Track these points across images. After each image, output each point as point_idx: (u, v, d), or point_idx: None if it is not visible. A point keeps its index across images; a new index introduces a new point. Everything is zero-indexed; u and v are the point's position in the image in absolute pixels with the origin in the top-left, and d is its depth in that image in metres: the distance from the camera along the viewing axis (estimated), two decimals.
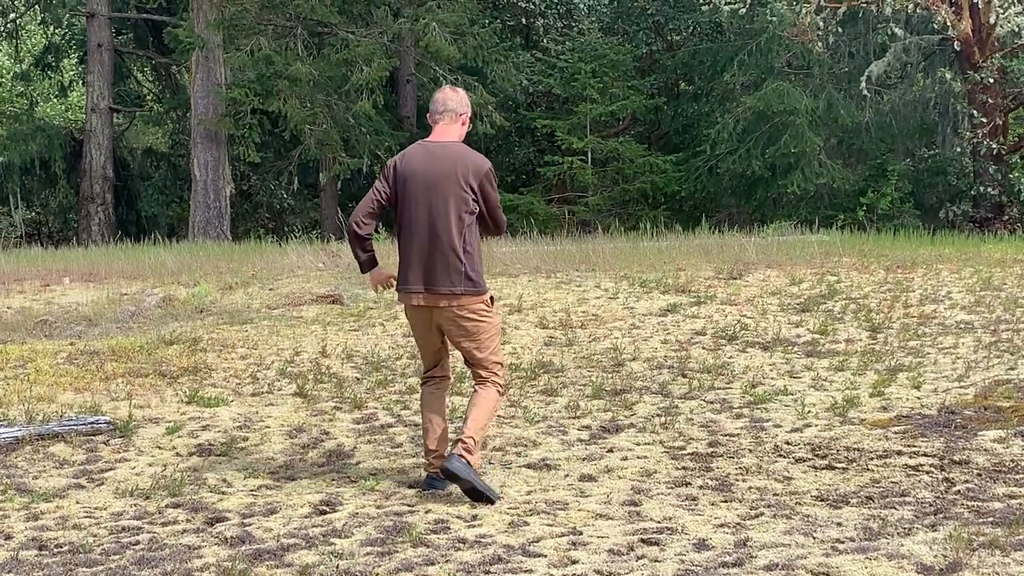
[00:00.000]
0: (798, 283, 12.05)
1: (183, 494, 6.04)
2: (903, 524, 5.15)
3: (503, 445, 6.96)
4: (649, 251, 14.65)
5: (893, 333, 9.92)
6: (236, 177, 27.56)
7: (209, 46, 24.26)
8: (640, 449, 6.80)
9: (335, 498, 5.88)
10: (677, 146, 28.64)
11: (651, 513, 5.45)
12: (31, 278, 14.48)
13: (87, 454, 6.94)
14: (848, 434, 6.98)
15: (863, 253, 14.10)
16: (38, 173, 30.41)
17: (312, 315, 11.26)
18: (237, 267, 14.89)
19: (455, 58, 24.20)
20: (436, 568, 4.70)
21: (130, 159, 31.50)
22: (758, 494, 5.77)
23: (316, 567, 4.76)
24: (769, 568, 4.57)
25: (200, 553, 5.02)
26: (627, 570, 4.63)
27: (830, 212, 23.83)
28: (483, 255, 5.98)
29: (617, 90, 26.63)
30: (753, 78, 26.64)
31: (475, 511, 5.55)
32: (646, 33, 29.66)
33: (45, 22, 33.43)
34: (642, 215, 24.69)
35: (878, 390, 8.02)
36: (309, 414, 7.81)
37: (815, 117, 24.80)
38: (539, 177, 28.23)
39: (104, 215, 28.19)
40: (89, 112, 28.74)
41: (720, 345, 9.67)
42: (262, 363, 9.31)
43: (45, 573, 4.83)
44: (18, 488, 6.23)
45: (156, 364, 9.13)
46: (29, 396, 8.12)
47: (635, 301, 11.42)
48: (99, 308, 12.01)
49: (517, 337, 10.11)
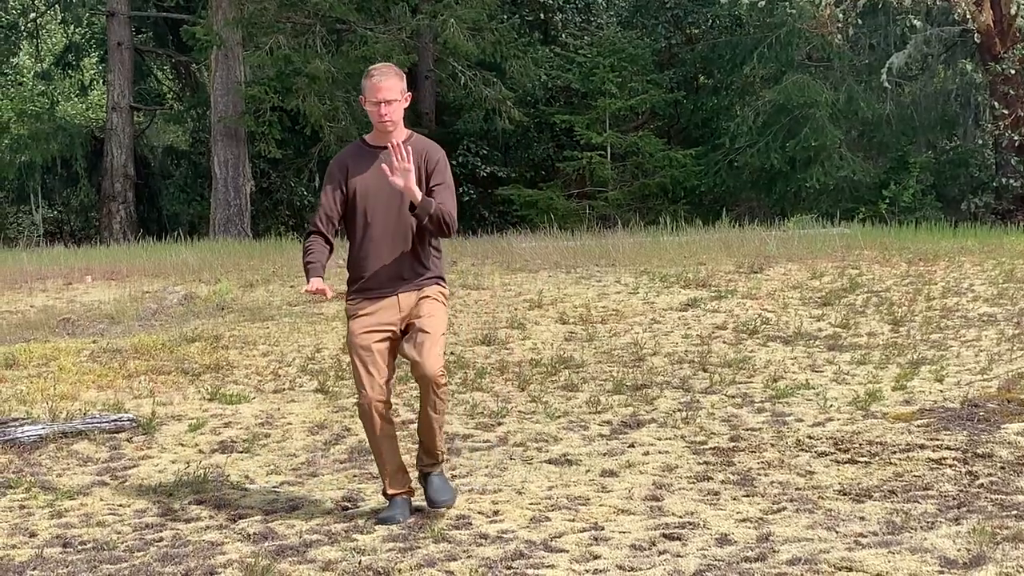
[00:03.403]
0: (819, 277, 12.01)
1: (206, 491, 6.07)
2: (926, 518, 5.13)
3: (524, 441, 6.96)
4: (669, 246, 14.63)
5: (915, 326, 9.87)
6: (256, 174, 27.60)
7: (228, 44, 24.32)
8: (661, 444, 6.79)
9: (357, 494, 5.89)
10: (697, 140, 28.56)
11: (673, 508, 5.44)
12: (54, 277, 14.55)
13: (110, 452, 6.97)
14: (870, 428, 6.95)
15: (885, 246, 14.03)
16: (59, 172, 30.56)
17: (333, 311, 11.27)
18: (258, 264, 14.93)
19: (473, 54, 24.19)
20: (458, 564, 4.70)
21: (151, 157, 31.62)
22: (780, 488, 5.76)
23: (338, 563, 4.77)
24: (792, 562, 4.56)
25: (223, 550, 5.04)
26: (649, 565, 4.62)
27: (851, 205, 23.73)
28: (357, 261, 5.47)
29: (636, 84, 26.57)
30: (773, 71, 26.56)
31: (497, 507, 5.55)
32: (665, 27, 29.59)
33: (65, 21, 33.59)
34: (662, 209, 24.60)
35: (900, 383, 7.99)
36: (331, 410, 7.83)
37: (835, 110, 24.70)
38: (558, 172, 28.20)
39: (125, 213, 28.30)
40: (110, 111, 28.86)
41: (741, 339, 9.65)
42: (283, 360, 9.33)
43: (70, 570, 4.86)
44: (42, 486, 6.27)
45: (178, 361, 9.17)
46: (53, 394, 8.16)
47: (655, 296, 11.40)
48: (121, 306, 12.07)
49: (537, 332, 10.10)
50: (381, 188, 5.33)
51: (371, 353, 5.30)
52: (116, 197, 28.27)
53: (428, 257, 5.42)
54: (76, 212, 32.26)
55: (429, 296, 5.39)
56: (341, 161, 5.48)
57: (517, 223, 24.38)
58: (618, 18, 29.76)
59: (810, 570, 4.47)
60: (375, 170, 5.35)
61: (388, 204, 5.34)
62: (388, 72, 5.35)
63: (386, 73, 5.33)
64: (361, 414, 5.37)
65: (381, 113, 5.32)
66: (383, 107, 5.31)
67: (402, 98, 5.37)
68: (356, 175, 5.40)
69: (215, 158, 25.21)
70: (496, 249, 15.24)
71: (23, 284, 14.02)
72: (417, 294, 5.38)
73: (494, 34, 24.51)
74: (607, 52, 26.52)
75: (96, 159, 29.78)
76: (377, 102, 5.31)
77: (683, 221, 19.05)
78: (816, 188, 24.90)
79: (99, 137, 30.20)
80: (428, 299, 5.38)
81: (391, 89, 5.32)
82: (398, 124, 5.39)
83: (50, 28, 36.12)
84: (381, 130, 5.40)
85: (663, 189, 26.49)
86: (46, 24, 35.00)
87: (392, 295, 5.36)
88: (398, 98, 5.34)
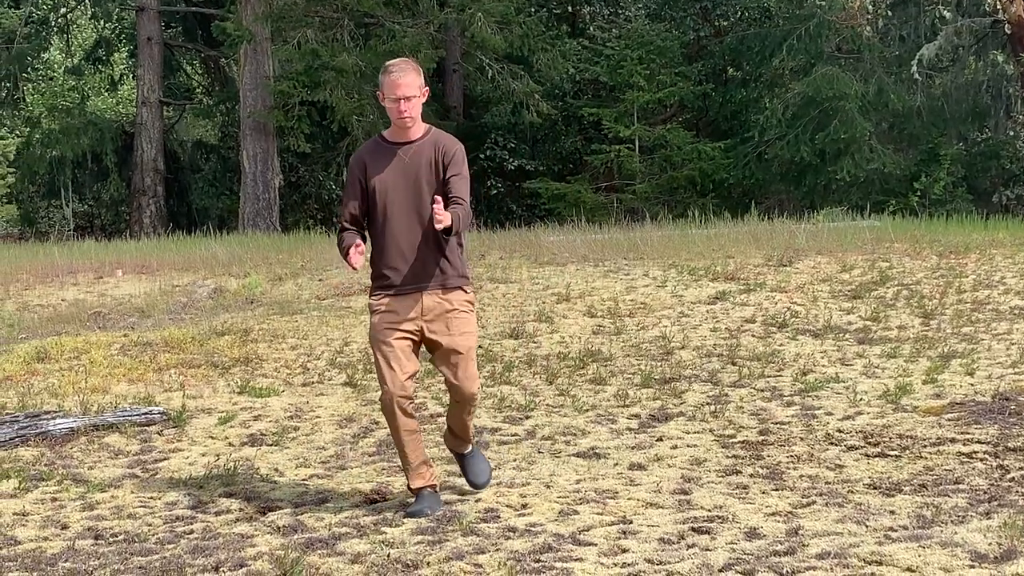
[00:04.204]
0: (849, 270, 11.95)
1: (236, 483, 6.10)
2: (957, 512, 5.10)
3: (552, 434, 6.96)
4: (697, 239, 14.58)
5: (946, 319, 9.81)
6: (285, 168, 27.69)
7: (257, 39, 24.40)
8: (690, 437, 6.78)
9: (385, 487, 5.91)
10: (725, 133, 28.46)
11: (701, 502, 5.43)
12: (85, 271, 14.65)
13: (141, 444, 7.02)
14: (901, 421, 6.92)
15: (915, 239, 13.95)
16: (90, 167, 30.73)
17: (361, 305, 11.30)
18: (287, 258, 14.99)
19: (501, 47, 24.16)
20: (486, 556, 4.71)
21: (180, 152, 31.77)
22: (810, 482, 5.73)
23: (367, 555, 4.79)
24: (821, 556, 4.55)
25: (253, 542, 5.07)
26: (678, 559, 4.61)
27: (881, 198, 23.60)
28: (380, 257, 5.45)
29: (664, 77, 26.49)
30: (802, 63, 26.43)
31: (525, 500, 5.55)
32: (693, 19, 29.49)
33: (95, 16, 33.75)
34: (690, 202, 24.55)
35: (931, 377, 7.94)
36: (359, 404, 7.85)
37: (865, 102, 24.55)
38: (586, 165, 28.16)
39: (155, 208, 28.45)
40: (140, 106, 29.01)
41: (770, 333, 9.61)
42: (312, 353, 9.36)
43: (101, 562, 4.89)
44: (74, 478, 6.32)
45: (208, 355, 9.22)
46: (84, 387, 8.23)
47: (684, 289, 11.37)
48: (152, 300, 12.14)
49: (565, 326, 10.10)
50: (399, 184, 5.33)
51: (392, 348, 5.31)
52: (146, 191, 28.43)
53: (451, 251, 5.40)
54: (106, 206, 32.44)
55: (457, 309, 5.39)
56: (359, 158, 5.47)
57: (545, 216, 24.38)
58: (646, 10, 29.67)
59: (840, 564, 4.46)
60: (394, 166, 5.35)
61: (407, 200, 5.34)
62: (406, 68, 5.33)
63: (404, 69, 5.31)
64: (384, 409, 5.39)
65: (400, 109, 5.30)
66: (402, 103, 5.29)
67: (420, 94, 5.35)
68: (375, 172, 5.39)
69: (244, 152, 25.31)
70: (524, 242, 15.24)
71: (54, 278, 14.12)
72: (442, 298, 5.36)
73: (522, 27, 24.48)
74: (635, 45, 26.45)
75: (126, 154, 29.95)
76: (396, 98, 5.28)
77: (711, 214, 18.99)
78: (846, 181, 24.77)
79: (129, 132, 30.36)
80: (456, 312, 5.38)
81: (410, 85, 5.29)
82: (416, 120, 5.38)
83: (80, 23, 36.32)
84: (400, 126, 5.39)
85: (691, 182, 26.41)
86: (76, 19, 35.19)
87: (415, 292, 5.34)
88: (416, 94, 5.32)
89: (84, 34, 36.95)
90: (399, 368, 5.30)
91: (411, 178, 5.32)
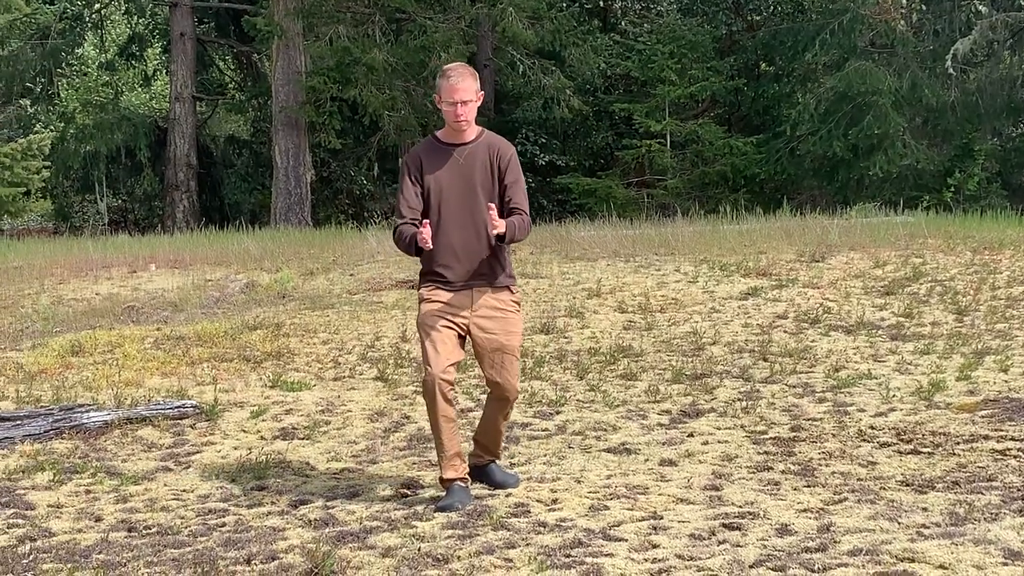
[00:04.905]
0: (882, 265, 11.88)
1: (267, 477, 6.13)
2: (990, 509, 5.07)
3: (583, 429, 6.96)
4: (729, 234, 14.54)
5: (980, 316, 9.74)
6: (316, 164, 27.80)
7: (289, 34, 24.49)
8: (721, 434, 6.76)
9: (416, 481, 5.92)
10: (757, 128, 28.34)
11: (732, 498, 5.42)
12: (118, 265, 14.75)
13: (174, 438, 7.07)
14: (934, 418, 6.87)
15: (949, 235, 13.85)
16: (123, 161, 30.94)
17: (392, 300, 11.34)
18: (318, 253, 15.05)
19: (533, 42, 24.15)
20: (517, 551, 4.72)
21: (213, 147, 31.94)
22: (842, 479, 5.71)
23: (398, 549, 4.80)
24: (853, 553, 4.53)
25: (285, 535, 5.10)
26: (708, 555, 4.61)
27: (915, 193, 23.44)
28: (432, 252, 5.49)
29: (696, 72, 26.41)
30: (835, 58, 26.25)
31: (555, 495, 5.56)
32: (726, 13, 29.37)
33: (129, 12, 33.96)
34: (722, 198, 24.45)
35: (965, 374, 7.89)
36: (390, 398, 7.87)
37: (899, 97, 24.38)
38: (617, 161, 28.12)
39: (188, 202, 28.61)
40: (173, 101, 29.18)
41: (802, 329, 9.58)
42: (343, 348, 9.40)
43: (134, 554, 4.93)
44: (108, 471, 6.37)
45: (240, 349, 9.26)
46: (118, 381, 8.29)
47: (715, 285, 11.34)
48: (184, 294, 12.22)
49: (596, 321, 10.09)
50: (454, 184, 5.49)
51: (440, 333, 5.42)
52: (179, 186, 28.60)
53: (500, 250, 5.55)
54: (140, 201, 32.66)
55: (505, 308, 5.54)
56: (415, 157, 5.60)
57: (576, 212, 24.36)
58: (678, 5, 29.56)
59: (872, 561, 4.44)
60: (449, 167, 5.51)
61: (461, 200, 5.49)
62: (464, 73, 5.49)
63: (462, 74, 5.47)
64: (425, 392, 5.46)
65: (457, 113, 5.46)
66: (459, 107, 5.45)
67: (476, 98, 5.52)
68: (430, 171, 5.53)
69: (276, 147, 25.42)
70: (555, 238, 15.24)
71: (89, 272, 14.23)
72: (491, 297, 5.51)
73: (553, 22, 24.46)
74: (667, 39, 26.38)
75: (159, 149, 30.14)
76: (453, 103, 5.44)
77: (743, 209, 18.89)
78: (879, 176, 24.61)
79: (162, 127, 30.55)
80: (504, 312, 5.54)
81: (467, 90, 5.45)
82: (471, 123, 5.55)
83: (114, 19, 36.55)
84: (455, 129, 5.54)
85: (723, 177, 26.32)
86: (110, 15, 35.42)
87: (466, 288, 5.49)
88: (472, 98, 5.48)
89: (118, 30, 37.19)
90: (444, 352, 5.40)
91: (466, 179, 5.49)
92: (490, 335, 5.47)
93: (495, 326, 5.48)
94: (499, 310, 5.51)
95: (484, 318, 5.48)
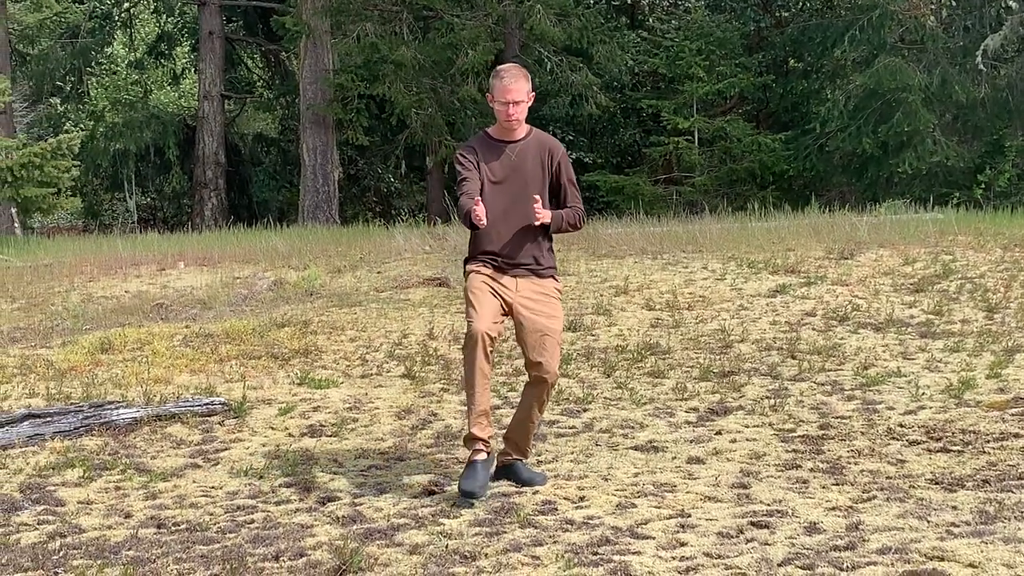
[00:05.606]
0: (912, 263, 11.81)
1: (296, 474, 6.15)
2: (1020, 508, 5.03)
3: (610, 427, 6.95)
4: (757, 231, 14.48)
5: (1010, 313, 9.67)
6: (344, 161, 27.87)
7: (317, 32, 24.56)
8: (749, 431, 6.74)
9: (443, 479, 5.93)
10: (786, 124, 28.20)
11: (760, 496, 5.40)
12: (147, 263, 14.83)
13: (203, 434, 7.10)
14: (963, 416, 6.83)
15: (979, 232, 13.75)
16: (152, 160, 31.12)
17: (419, 298, 11.35)
18: (345, 250, 15.08)
19: (560, 39, 24.12)
20: (544, 549, 4.72)
21: (241, 145, 32.08)
22: (870, 477, 5.68)
23: (426, 547, 4.81)
24: (882, 552, 4.51)
25: (313, 532, 5.11)
26: (736, 553, 4.59)
27: (945, 190, 23.27)
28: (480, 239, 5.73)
29: (724, 68, 26.31)
30: (864, 54, 26.10)
31: (583, 493, 5.55)
32: (754, 10, 29.22)
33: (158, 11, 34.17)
34: (750, 195, 24.35)
35: (995, 371, 7.84)
36: (417, 396, 7.89)
37: (929, 93, 24.22)
38: (645, 158, 28.05)
39: (217, 200, 28.74)
40: (201, 99, 29.33)
41: (831, 326, 9.53)
42: (371, 345, 9.42)
43: (163, 551, 4.95)
44: (137, 468, 6.40)
45: (268, 346, 9.30)
46: (147, 378, 8.33)
47: (743, 282, 11.30)
48: (213, 291, 12.27)
49: (623, 319, 10.08)
50: (508, 178, 5.73)
51: (486, 295, 5.62)
52: (208, 184, 28.73)
53: (545, 244, 5.78)
54: (169, 199, 32.84)
55: (549, 294, 5.74)
56: (471, 148, 5.83)
57: (603, 209, 24.32)
58: (706, 1, 29.45)
59: (900, 559, 4.42)
60: (503, 162, 5.76)
61: (512, 194, 5.70)
62: (517, 74, 5.71)
63: (516, 76, 5.69)
64: (467, 343, 5.56)
65: (508, 113, 5.69)
66: (511, 107, 5.69)
67: (527, 99, 5.74)
68: (484, 162, 5.74)
69: (304, 145, 25.50)
70: (582, 235, 15.19)
71: (118, 270, 14.32)
72: (535, 283, 5.72)
73: (580, 19, 24.41)
74: (694, 36, 26.29)
75: (188, 147, 30.29)
76: (505, 102, 5.68)
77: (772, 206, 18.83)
78: (909, 173, 24.46)
79: (191, 125, 30.70)
80: (548, 297, 5.75)
81: (519, 91, 5.69)
82: (522, 122, 5.78)
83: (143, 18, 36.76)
84: (507, 127, 5.78)
85: (751, 174, 26.22)
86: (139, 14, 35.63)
87: (512, 273, 5.70)
88: (524, 99, 5.72)
89: (147, 28, 37.40)
90: (490, 311, 5.57)
91: (518, 174, 5.73)
92: (535, 315, 5.63)
93: (539, 307, 5.66)
94: (543, 295, 5.71)
95: (528, 299, 5.67)
